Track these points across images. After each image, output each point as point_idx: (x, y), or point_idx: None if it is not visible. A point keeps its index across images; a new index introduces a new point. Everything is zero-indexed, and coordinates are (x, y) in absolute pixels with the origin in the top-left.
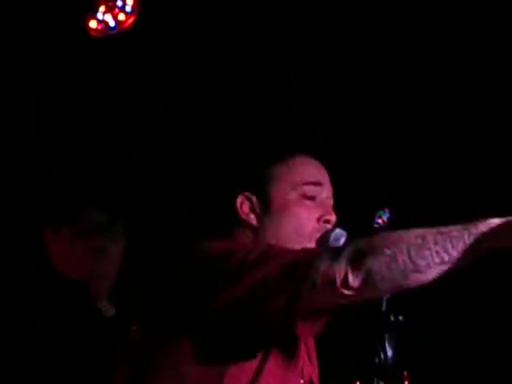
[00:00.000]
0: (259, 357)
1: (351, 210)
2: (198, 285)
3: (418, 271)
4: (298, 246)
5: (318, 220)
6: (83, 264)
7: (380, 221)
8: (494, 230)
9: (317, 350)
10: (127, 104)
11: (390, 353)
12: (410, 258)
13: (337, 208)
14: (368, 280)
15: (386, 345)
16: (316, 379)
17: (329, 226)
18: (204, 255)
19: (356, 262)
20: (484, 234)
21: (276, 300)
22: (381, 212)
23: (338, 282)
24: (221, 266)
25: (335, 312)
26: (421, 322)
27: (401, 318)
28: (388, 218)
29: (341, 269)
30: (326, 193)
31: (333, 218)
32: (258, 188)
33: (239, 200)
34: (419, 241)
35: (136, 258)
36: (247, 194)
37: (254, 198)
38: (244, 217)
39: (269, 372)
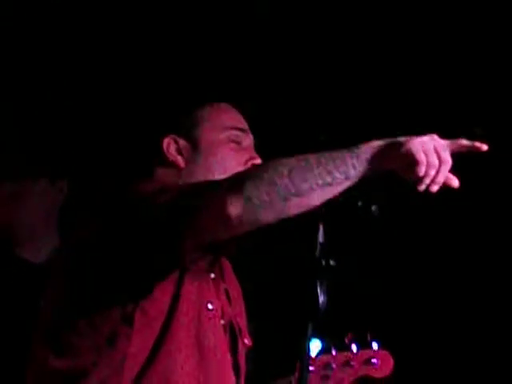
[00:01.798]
0: (170, 294)
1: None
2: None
3: (300, 195)
4: None
5: (245, 163)
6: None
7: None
8: (376, 152)
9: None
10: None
11: (322, 298)
12: (291, 180)
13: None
14: (247, 206)
15: (318, 290)
16: (242, 325)
17: None
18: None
19: (236, 188)
20: (366, 155)
21: (170, 223)
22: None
23: (221, 209)
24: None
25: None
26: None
27: (332, 262)
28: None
29: (222, 196)
30: (249, 140)
31: (258, 161)
32: (185, 130)
33: (166, 142)
34: (302, 163)
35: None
36: (174, 136)
37: (181, 140)
38: (172, 158)
39: (182, 312)
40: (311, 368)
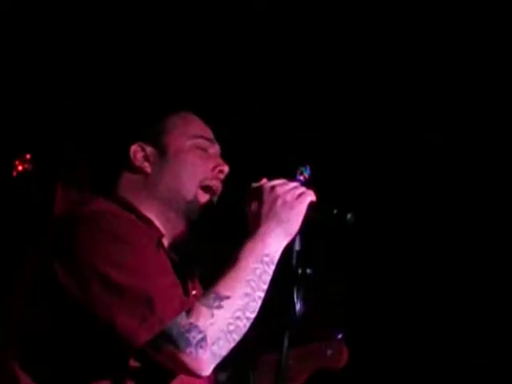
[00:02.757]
0: None
1: (273, 166)
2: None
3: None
4: (190, 194)
5: (213, 169)
6: None
7: (301, 177)
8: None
9: None
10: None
11: (298, 306)
12: (247, 319)
13: (260, 165)
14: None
15: (295, 298)
16: None
17: (221, 176)
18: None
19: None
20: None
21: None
22: (302, 168)
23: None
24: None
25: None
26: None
27: (309, 270)
28: (309, 175)
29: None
30: (215, 149)
31: (226, 168)
32: (153, 137)
33: (133, 149)
34: (245, 300)
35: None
36: (141, 143)
37: (148, 148)
38: (138, 164)
39: None
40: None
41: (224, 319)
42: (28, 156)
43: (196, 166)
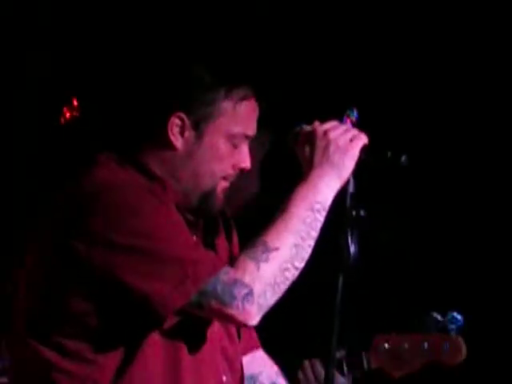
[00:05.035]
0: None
1: (321, 109)
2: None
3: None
4: (208, 187)
5: (233, 166)
6: None
7: (348, 120)
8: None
9: None
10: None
11: (352, 248)
12: (295, 269)
13: (307, 108)
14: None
15: (349, 240)
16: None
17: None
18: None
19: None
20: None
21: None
22: (349, 111)
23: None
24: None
25: None
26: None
27: (362, 213)
28: (356, 118)
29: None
30: (246, 144)
31: (248, 166)
32: (197, 116)
33: (173, 119)
34: (294, 250)
35: None
36: (183, 116)
37: (187, 124)
38: (171, 137)
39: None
40: (385, 345)
41: (271, 272)
42: (75, 103)
43: (220, 160)
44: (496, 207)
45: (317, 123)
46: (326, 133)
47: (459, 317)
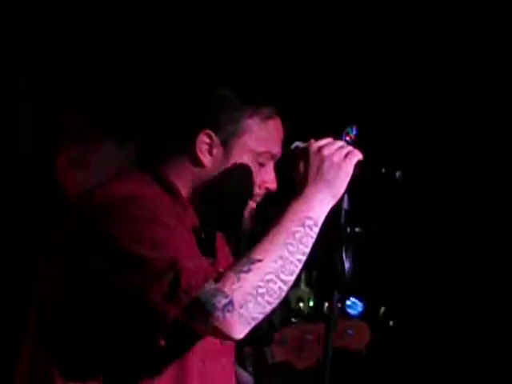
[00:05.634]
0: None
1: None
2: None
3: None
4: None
5: (260, 185)
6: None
7: (348, 138)
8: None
9: None
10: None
11: (347, 265)
12: (282, 282)
13: (307, 126)
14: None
15: (344, 257)
16: None
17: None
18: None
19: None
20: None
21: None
22: (348, 129)
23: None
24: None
25: None
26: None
27: (358, 229)
28: (355, 135)
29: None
30: (272, 163)
31: (274, 187)
32: (224, 133)
33: (202, 136)
34: (279, 263)
35: None
36: (212, 133)
37: (216, 140)
38: (199, 154)
39: None
40: (288, 337)
41: (252, 282)
42: None
43: (246, 180)
44: (490, 222)
45: (312, 140)
46: (320, 149)
47: (359, 302)
